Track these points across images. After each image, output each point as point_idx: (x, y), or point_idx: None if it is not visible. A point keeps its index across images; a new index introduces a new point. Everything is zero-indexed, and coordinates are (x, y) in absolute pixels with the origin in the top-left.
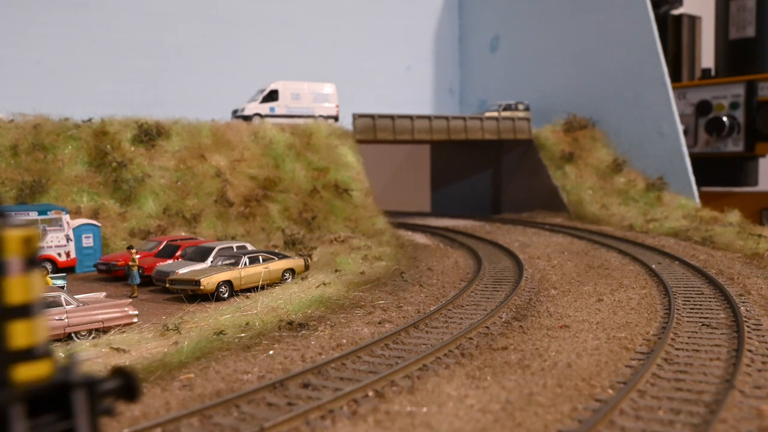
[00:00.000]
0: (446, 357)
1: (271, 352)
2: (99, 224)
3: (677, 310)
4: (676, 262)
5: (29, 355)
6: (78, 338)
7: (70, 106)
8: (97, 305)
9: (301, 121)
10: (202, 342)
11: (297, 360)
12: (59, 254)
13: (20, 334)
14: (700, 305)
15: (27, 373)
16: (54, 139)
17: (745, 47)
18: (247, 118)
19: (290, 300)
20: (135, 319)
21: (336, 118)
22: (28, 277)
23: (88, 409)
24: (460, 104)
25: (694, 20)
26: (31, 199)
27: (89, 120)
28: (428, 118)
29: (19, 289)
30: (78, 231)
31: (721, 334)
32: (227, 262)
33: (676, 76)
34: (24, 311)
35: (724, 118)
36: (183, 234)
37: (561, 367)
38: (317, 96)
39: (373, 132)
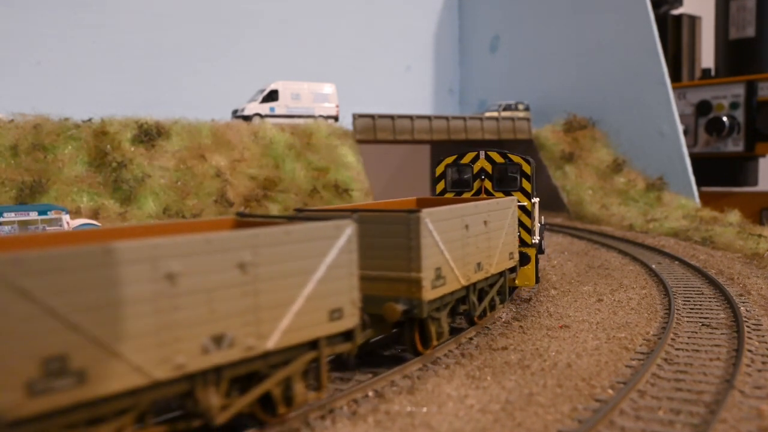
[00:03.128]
0: (446, 357)
1: None
2: (99, 224)
3: (677, 310)
4: (676, 262)
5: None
6: None
7: (70, 106)
8: None
9: (301, 121)
10: None
11: None
12: None
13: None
14: (700, 305)
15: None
16: (54, 139)
17: (745, 47)
18: (247, 118)
19: None
20: None
21: (336, 118)
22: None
23: None
24: (460, 104)
25: (694, 20)
26: (31, 199)
27: (89, 120)
28: (428, 118)
29: None
30: None
31: (721, 334)
32: None
33: (676, 76)
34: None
35: (724, 118)
36: None
37: (561, 367)
38: (317, 96)
39: (373, 132)
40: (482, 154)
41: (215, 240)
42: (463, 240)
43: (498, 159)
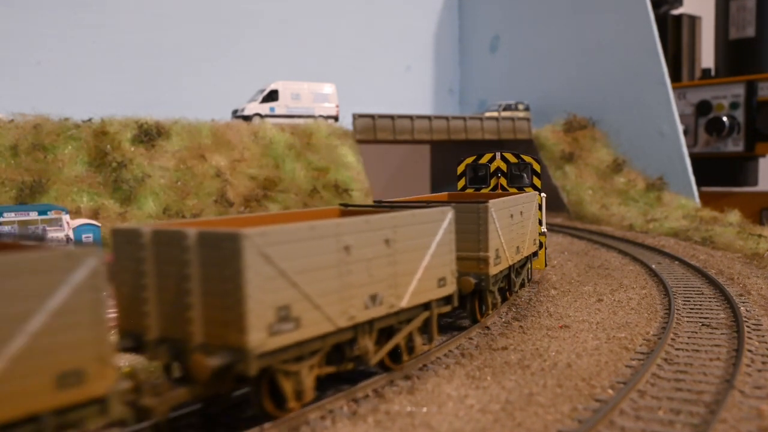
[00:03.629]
0: (446, 357)
1: None
2: (99, 224)
3: (677, 310)
4: (676, 262)
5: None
6: None
7: (70, 106)
8: None
9: (301, 121)
10: None
11: None
12: None
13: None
14: (700, 305)
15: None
16: (54, 139)
17: (745, 47)
18: (247, 118)
19: None
20: None
21: (336, 118)
22: None
23: None
24: (460, 104)
25: (694, 20)
26: (31, 199)
27: (89, 120)
28: (428, 118)
29: None
30: (78, 231)
31: (721, 334)
32: None
33: (676, 76)
34: None
35: (724, 118)
36: None
37: (561, 367)
38: (317, 96)
39: (373, 132)
40: (498, 155)
41: (372, 220)
42: (510, 227)
43: (512, 159)
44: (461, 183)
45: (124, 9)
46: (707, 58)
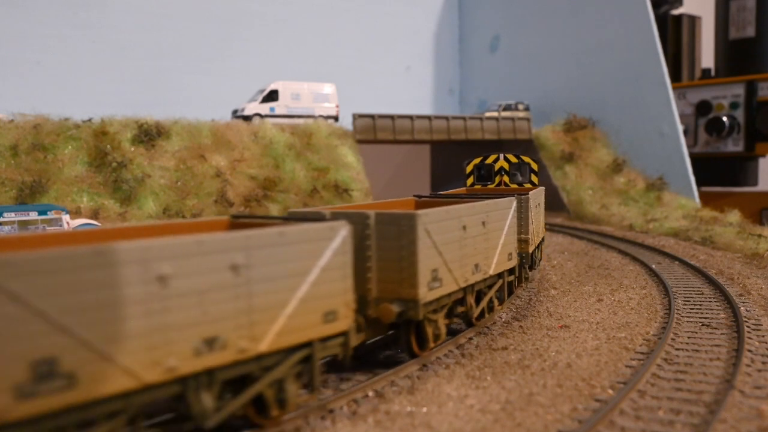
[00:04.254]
0: (446, 357)
1: None
2: (99, 224)
3: (677, 310)
4: (676, 262)
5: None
6: None
7: (70, 106)
8: None
9: (301, 121)
10: None
11: None
12: None
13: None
14: (700, 305)
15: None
16: (54, 139)
17: (745, 47)
18: (247, 118)
19: None
20: None
21: (336, 118)
22: None
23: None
24: (460, 104)
25: (694, 20)
26: (31, 199)
27: (89, 120)
28: (428, 118)
29: None
30: None
31: (721, 334)
32: None
33: (676, 76)
34: None
35: (724, 118)
36: None
37: (561, 367)
38: (317, 96)
39: (373, 132)
40: (501, 156)
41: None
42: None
43: (513, 159)
44: (470, 180)
45: (125, 9)
46: (707, 58)
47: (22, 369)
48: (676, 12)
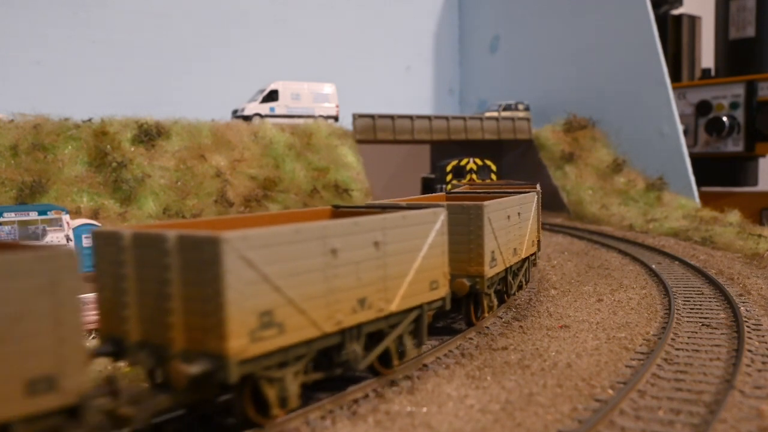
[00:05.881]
0: (446, 357)
1: None
2: (99, 224)
3: (677, 310)
4: (676, 262)
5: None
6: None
7: (70, 106)
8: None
9: (301, 121)
10: None
11: None
12: None
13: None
14: (700, 305)
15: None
16: (54, 139)
17: (745, 47)
18: (247, 118)
19: None
20: None
21: (336, 118)
22: None
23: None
24: (460, 104)
25: (694, 20)
26: (31, 199)
27: (89, 120)
28: (428, 118)
29: None
30: (78, 231)
31: (721, 334)
32: None
33: (676, 76)
34: None
35: (724, 118)
36: None
37: (561, 367)
38: (317, 96)
39: (373, 132)
40: (471, 159)
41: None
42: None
43: (479, 162)
44: (449, 177)
45: (124, 9)
46: (707, 58)
47: (254, 319)
48: (676, 12)
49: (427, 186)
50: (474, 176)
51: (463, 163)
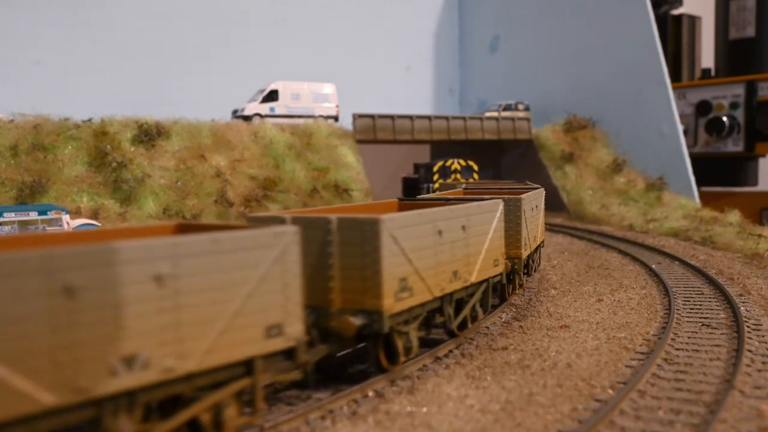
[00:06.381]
0: (446, 357)
1: None
2: (99, 224)
3: (677, 310)
4: (676, 262)
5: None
6: None
7: (70, 106)
8: None
9: (301, 121)
10: None
11: None
12: None
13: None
14: (700, 305)
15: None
16: (54, 139)
17: (745, 47)
18: (247, 118)
19: None
20: None
21: (336, 118)
22: None
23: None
24: (460, 104)
25: (694, 20)
26: (31, 199)
27: (89, 120)
28: (428, 118)
29: None
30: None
31: (721, 334)
32: None
33: (676, 76)
34: None
35: (724, 118)
36: None
37: (561, 367)
38: (317, 96)
39: (373, 132)
40: (455, 160)
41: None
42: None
43: (462, 162)
44: (436, 177)
45: (124, 9)
46: (707, 58)
47: (397, 283)
48: (676, 12)
49: (410, 186)
50: (458, 176)
51: (448, 163)
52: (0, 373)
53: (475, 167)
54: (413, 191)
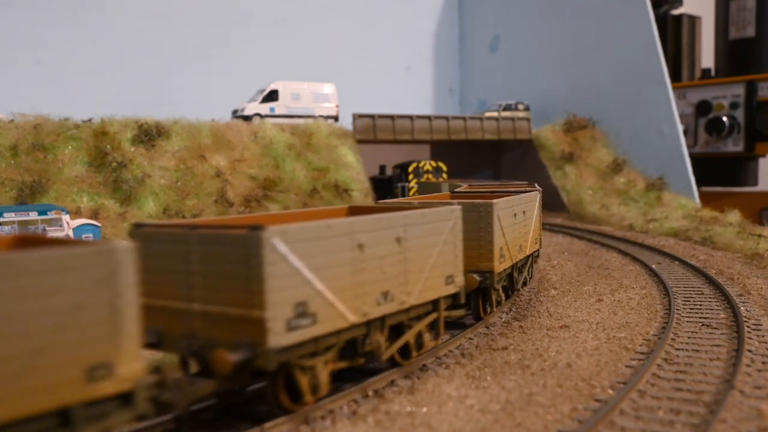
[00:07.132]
0: (446, 357)
1: None
2: (99, 224)
3: (677, 310)
4: (676, 262)
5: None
6: None
7: (70, 106)
8: None
9: (301, 121)
10: None
11: None
12: None
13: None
14: (700, 305)
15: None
16: (54, 139)
17: (745, 47)
18: (247, 118)
19: None
20: None
21: (336, 118)
22: None
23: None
24: (460, 104)
25: (694, 20)
26: (31, 199)
27: (89, 120)
28: (428, 118)
29: None
30: (78, 231)
31: (721, 334)
32: None
33: (676, 76)
34: None
35: (724, 118)
36: None
37: (561, 367)
38: (317, 96)
39: (373, 132)
40: (427, 161)
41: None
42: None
43: (433, 164)
44: (411, 176)
45: (124, 9)
46: (707, 58)
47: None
48: (676, 12)
49: (382, 185)
50: (430, 176)
51: (421, 164)
52: (331, 299)
53: (444, 167)
54: (385, 192)
